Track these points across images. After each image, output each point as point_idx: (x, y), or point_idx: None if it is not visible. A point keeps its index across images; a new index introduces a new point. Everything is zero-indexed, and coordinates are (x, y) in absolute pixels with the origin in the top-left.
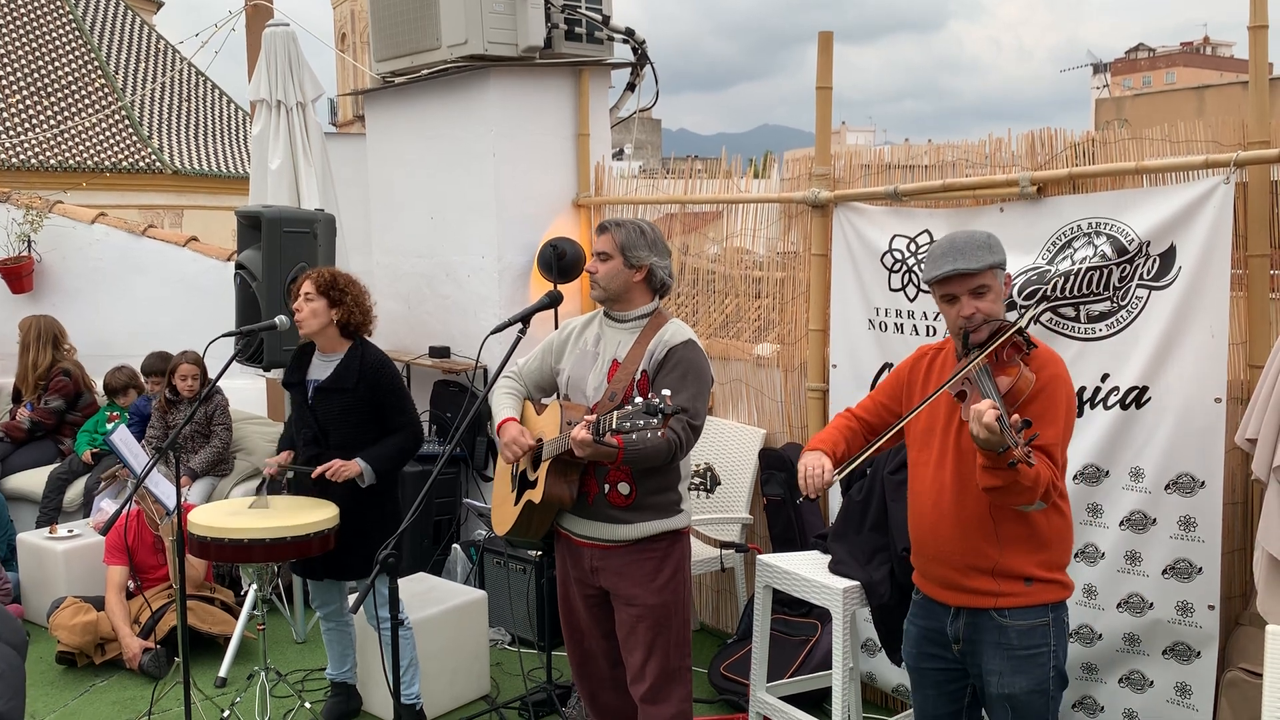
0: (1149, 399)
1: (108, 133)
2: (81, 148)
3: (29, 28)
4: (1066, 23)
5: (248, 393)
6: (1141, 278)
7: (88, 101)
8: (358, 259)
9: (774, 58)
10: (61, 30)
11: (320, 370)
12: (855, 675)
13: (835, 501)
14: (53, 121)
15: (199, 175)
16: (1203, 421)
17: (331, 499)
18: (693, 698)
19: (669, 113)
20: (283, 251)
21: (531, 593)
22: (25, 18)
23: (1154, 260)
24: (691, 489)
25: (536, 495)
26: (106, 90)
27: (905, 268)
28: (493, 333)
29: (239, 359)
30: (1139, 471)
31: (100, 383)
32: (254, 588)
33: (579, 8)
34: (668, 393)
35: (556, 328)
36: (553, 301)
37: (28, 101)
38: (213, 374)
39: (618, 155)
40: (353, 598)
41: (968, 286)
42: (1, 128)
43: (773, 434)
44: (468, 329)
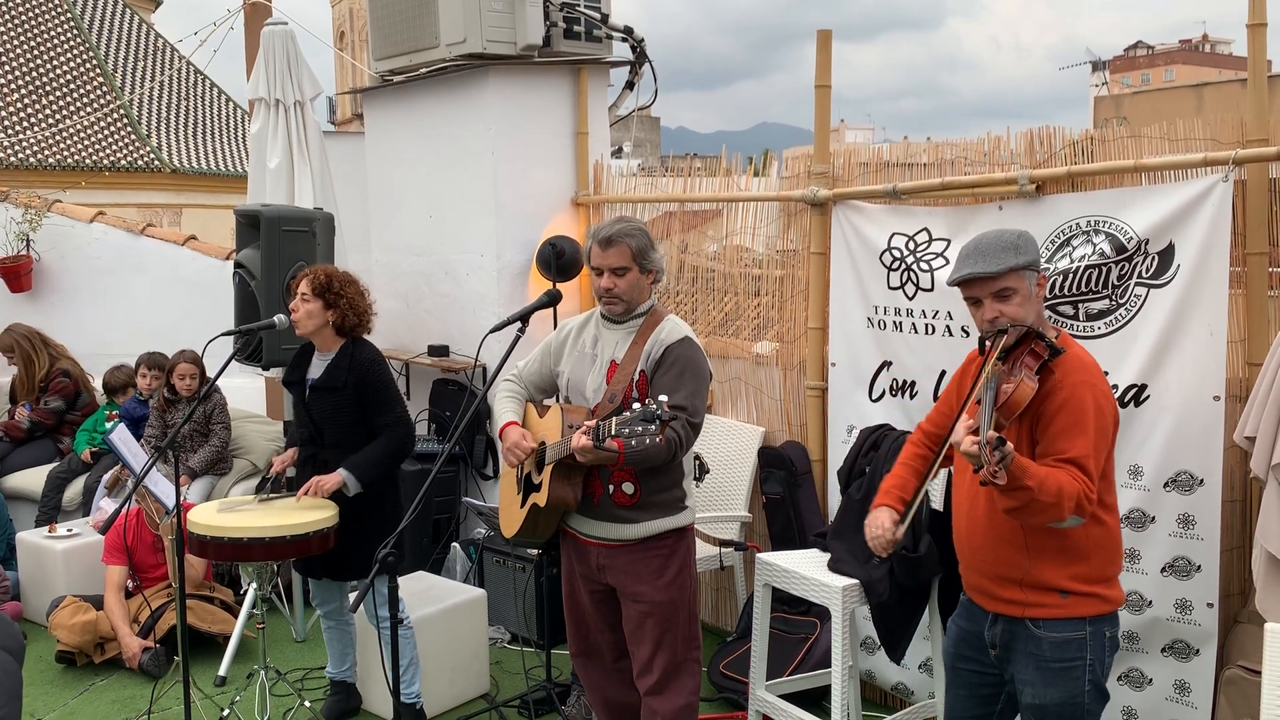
0: (1148, 397)
1: (106, 131)
2: (80, 146)
3: (27, 26)
4: (1065, 20)
5: (246, 392)
6: (1140, 276)
7: (86, 100)
8: (356, 257)
9: (772, 56)
10: (60, 29)
11: (316, 369)
12: (854, 673)
13: (834, 500)
14: (51, 120)
15: (197, 174)
16: (1201, 419)
17: (331, 498)
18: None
19: (667, 111)
20: (281, 250)
21: (531, 591)
22: (23, 16)
23: (1153, 258)
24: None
25: (541, 499)
26: (105, 89)
27: (904, 266)
28: (492, 331)
29: (238, 358)
30: (1138, 469)
31: (99, 382)
32: (253, 586)
33: (577, 6)
34: (664, 398)
35: (555, 326)
36: (551, 300)
37: (26, 100)
38: (211, 373)
39: (616, 153)
40: (353, 596)
41: (989, 290)
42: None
43: (772, 432)
44: (466, 327)
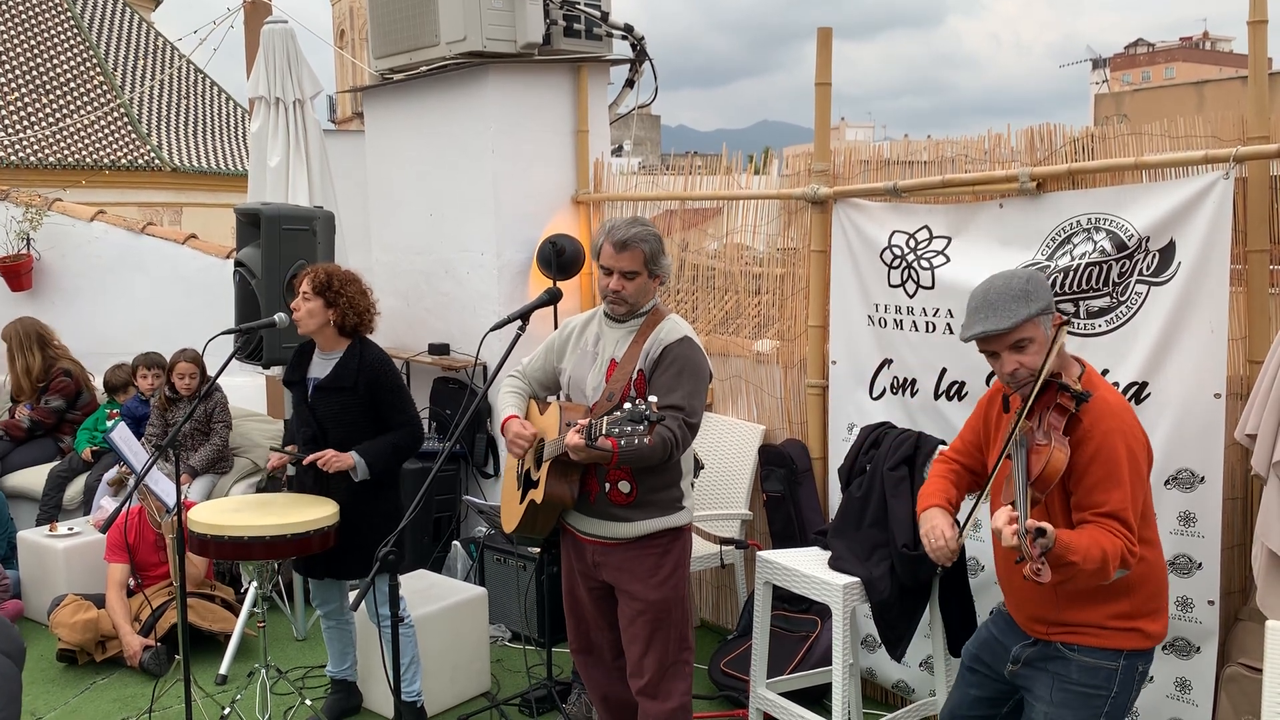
0: (1149, 395)
1: (106, 130)
2: (80, 145)
3: (27, 25)
4: (1065, 18)
5: (247, 390)
6: (1141, 273)
7: (86, 99)
8: (357, 256)
9: (773, 54)
10: (60, 27)
11: (320, 368)
12: (855, 671)
13: (835, 498)
14: (51, 119)
15: (198, 172)
16: (1202, 417)
17: (332, 496)
18: (693, 693)
19: (668, 109)
20: (281, 249)
21: (532, 589)
22: (24, 15)
23: (1153, 256)
24: None
25: (539, 495)
26: (105, 87)
27: (905, 264)
28: (492, 329)
29: (238, 356)
30: None
31: (99, 380)
32: (254, 585)
33: (578, 4)
34: (654, 399)
35: (556, 324)
36: (552, 298)
37: (26, 99)
38: (212, 371)
39: (617, 152)
40: (353, 595)
41: (1005, 343)
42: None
43: (772, 430)
44: (467, 326)
